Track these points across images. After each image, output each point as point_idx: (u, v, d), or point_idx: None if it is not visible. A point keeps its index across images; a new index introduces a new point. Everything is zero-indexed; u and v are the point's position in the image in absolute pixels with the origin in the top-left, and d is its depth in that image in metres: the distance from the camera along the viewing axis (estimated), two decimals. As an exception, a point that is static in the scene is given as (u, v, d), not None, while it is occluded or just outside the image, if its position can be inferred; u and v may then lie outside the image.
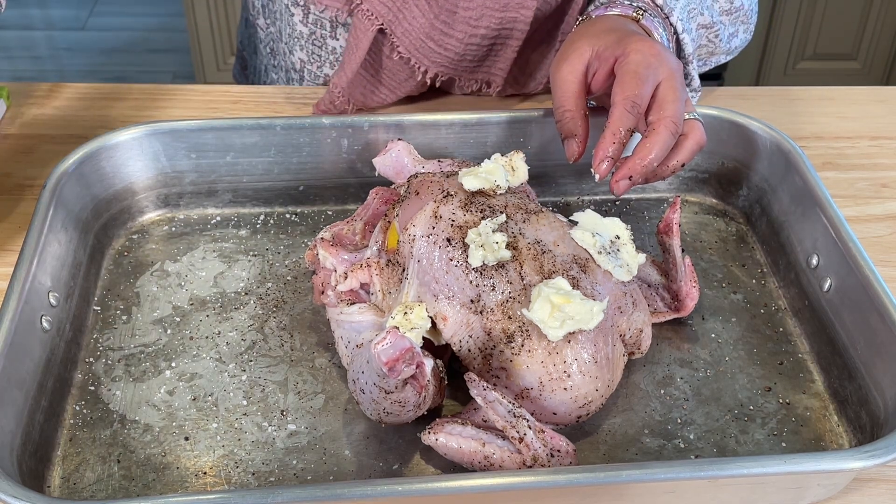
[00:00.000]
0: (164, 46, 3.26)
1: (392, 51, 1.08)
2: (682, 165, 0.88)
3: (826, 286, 0.86)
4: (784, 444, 0.79)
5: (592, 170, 0.85)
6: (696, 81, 1.03)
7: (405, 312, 0.77)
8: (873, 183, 1.06)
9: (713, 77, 2.72)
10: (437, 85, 1.12)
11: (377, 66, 1.10)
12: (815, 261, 0.89)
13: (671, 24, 0.97)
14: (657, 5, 0.97)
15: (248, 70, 1.36)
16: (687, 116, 0.88)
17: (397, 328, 0.69)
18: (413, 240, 0.81)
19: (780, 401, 0.83)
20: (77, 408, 0.81)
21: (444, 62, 1.09)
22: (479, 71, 1.12)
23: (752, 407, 0.82)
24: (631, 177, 0.84)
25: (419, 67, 1.09)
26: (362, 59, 1.07)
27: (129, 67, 3.18)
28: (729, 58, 1.11)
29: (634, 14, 0.94)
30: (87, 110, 1.14)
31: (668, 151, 0.86)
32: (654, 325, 0.86)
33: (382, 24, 1.06)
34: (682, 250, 0.88)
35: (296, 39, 1.16)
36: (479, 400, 0.74)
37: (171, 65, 3.19)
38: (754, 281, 0.94)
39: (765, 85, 2.73)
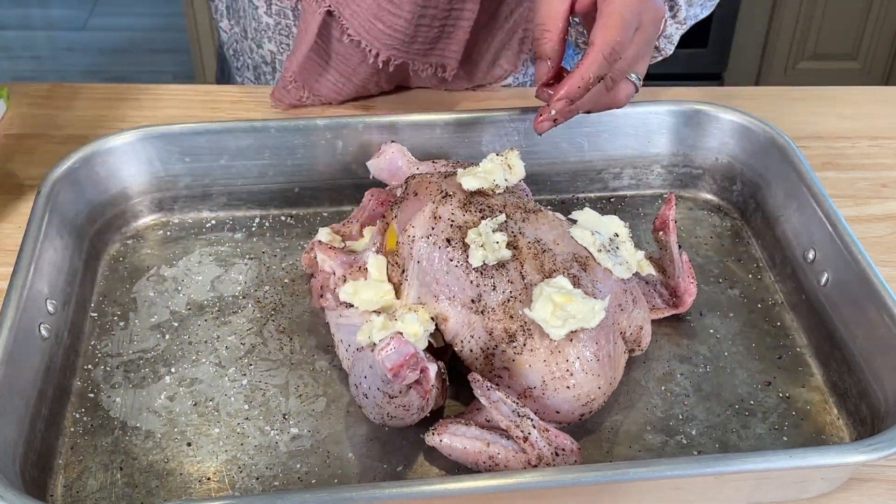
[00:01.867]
0: (164, 46, 3.25)
1: (342, 34, 1.06)
2: (587, 112, 0.88)
3: (823, 280, 0.87)
4: (785, 439, 0.80)
5: (547, 101, 0.84)
6: (671, 45, 1.01)
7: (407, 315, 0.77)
8: (873, 183, 1.06)
9: (713, 77, 2.73)
10: (391, 69, 1.09)
11: (328, 51, 1.08)
12: (811, 255, 0.89)
13: None
14: None
15: (225, 74, 1.35)
16: (632, 77, 0.86)
17: (400, 333, 0.69)
18: (412, 241, 0.81)
19: (780, 395, 0.83)
20: (77, 415, 0.81)
21: (395, 44, 1.06)
22: (432, 54, 1.10)
23: (752, 402, 0.82)
24: (556, 119, 0.84)
25: (370, 50, 1.06)
26: (311, 43, 1.06)
27: (129, 67, 3.17)
28: (705, 12, 1.04)
29: None
30: (86, 110, 1.13)
31: (597, 100, 0.85)
32: (652, 321, 0.86)
33: (330, 6, 1.04)
34: (679, 246, 0.89)
35: (263, 32, 1.16)
36: (482, 400, 0.74)
37: (171, 65, 3.18)
38: (751, 276, 0.95)
39: (765, 85, 2.74)
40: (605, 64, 0.82)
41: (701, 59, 2.71)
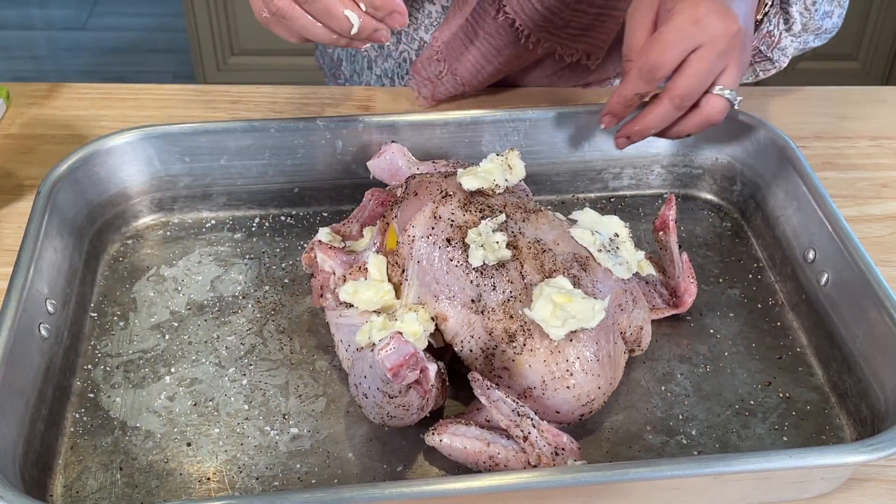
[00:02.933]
0: (164, 46, 3.25)
1: (498, 12, 1.06)
2: (688, 135, 0.90)
3: (823, 280, 0.87)
4: (786, 439, 0.80)
5: (600, 118, 0.92)
6: (785, 57, 1.02)
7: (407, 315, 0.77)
8: (873, 183, 1.06)
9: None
10: (539, 52, 1.10)
11: (476, 29, 1.08)
12: (811, 255, 0.89)
13: None
14: None
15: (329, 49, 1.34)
16: (716, 90, 0.86)
17: (400, 333, 0.69)
18: (412, 241, 0.81)
19: (781, 395, 0.83)
20: (77, 415, 0.81)
21: (549, 27, 1.07)
22: (583, 40, 1.10)
23: (752, 402, 0.82)
24: (629, 137, 0.91)
25: (522, 30, 1.07)
26: (465, 18, 1.07)
27: (129, 67, 3.17)
28: (817, 41, 1.05)
29: None
30: (86, 110, 1.13)
31: (669, 122, 0.88)
32: (652, 321, 0.86)
33: None
34: (679, 246, 0.89)
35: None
36: (482, 399, 0.74)
37: (171, 65, 3.18)
38: (751, 276, 0.95)
39: (765, 85, 2.74)
40: (640, 83, 0.86)
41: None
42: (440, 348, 0.81)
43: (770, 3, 0.96)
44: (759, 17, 0.97)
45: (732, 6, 0.84)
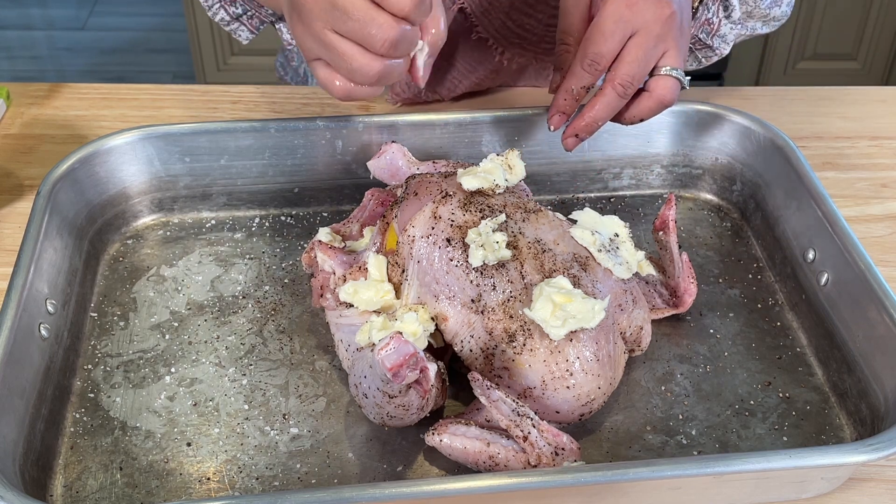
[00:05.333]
0: (164, 46, 3.26)
1: (471, 31, 1.06)
2: (641, 120, 0.89)
3: (823, 280, 0.87)
4: (785, 439, 0.80)
5: (547, 121, 0.89)
6: (726, 45, 1.02)
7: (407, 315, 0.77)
8: (873, 183, 1.06)
9: (713, 77, 2.73)
10: (515, 67, 1.10)
11: (453, 48, 1.08)
12: (811, 255, 0.89)
13: None
14: None
15: (294, 62, 1.34)
16: (662, 72, 0.86)
17: (400, 333, 0.69)
18: (412, 241, 0.81)
19: (781, 395, 0.83)
20: (77, 415, 0.81)
21: (523, 44, 1.07)
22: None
23: (752, 402, 0.82)
24: (577, 134, 0.89)
25: (496, 48, 1.07)
26: None
27: (129, 67, 3.18)
28: (765, 28, 1.07)
29: None
30: (86, 110, 1.13)
31: (616, 111, 0.87)
32: (652, 321, 0.86)
33: (463, 3, 1.04)
34: (679, 246, 0.89)
35: None
36: (482, 399, 0.74)
37: (171, 65, 3.18)
38: (751, 276, 0.95)
39: (765, 85, 2.73)
40: (584, 75, 0.85)
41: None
42: (440, 348, 0.81)
43: None
44: (695, 3, 0.97)
45: None
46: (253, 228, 0.99)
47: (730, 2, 1.00)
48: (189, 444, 0.78)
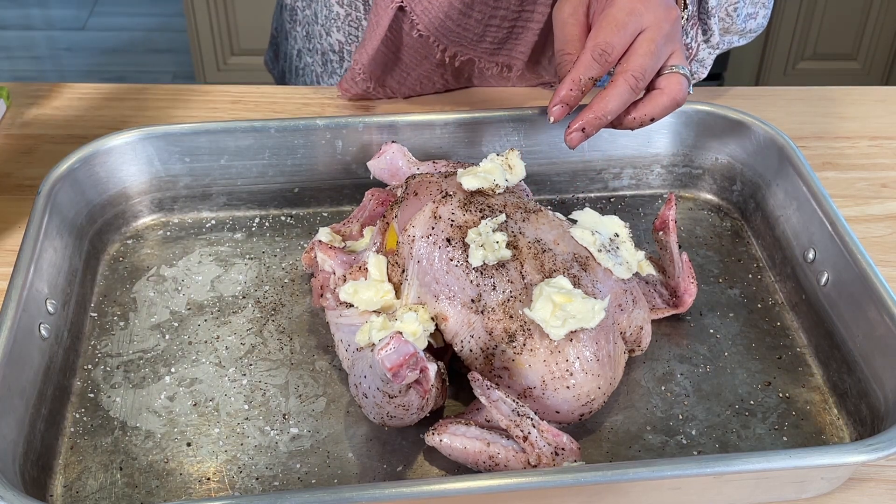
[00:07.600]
0: (164, 46, 3.26)
1: (412, 28, 1.06)
2: (652, 120, 0.87)
3: (823, 280, 0.87)
4: (785, 439, 0.80)
5: (548, 112, 0.85)
6: (704, 69, 1.02)
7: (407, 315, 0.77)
8: (873, 183, 1.06)
9: (713, 77, 2.73)
10: (457, 64, 1.10)
11: (398, 44, 1.09)
12: (811, 255, 0.89)
13: None
14: None
15: (280, 56, 1.35)
16: (670, 70, 0.86)
17: (400, 333, 0.69)
18: (412, 241, 0.81)
19: (780, 395, 0.83)
20: (77, 415, 0.81)
21: (463, 42, 1.07)
22: (500, 54, 1.10)
23: (752, 402, 0.82)
24: (584, 129, 0.84)
25: (438, 46, 1.07)
26: (382, 36, 1.06)
27: (129, 67, 3.18)
28: (742, 41, 1.08)
29: None
30: (86, 110, 1.13)
31: (626, 105, 0.85)
32: (652, 321, 0.86)
33: (402, 2, 1.04)
34: (679, 246, 0.89)
35: (332, 21, 1.16)
36: (482, 399, 0.74)
37: (171, 65, 3.18)
38: (751, 276, 0.95)
39: (765, 85, 2.74)
40: (594, 64, 0.84)
41: (701, 60, 2.71)
42: (440, 348, 0.81)
43: (686, 17, 0.97)
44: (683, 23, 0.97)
45: None
46: (253, 228, 0.99)
47: (708, 25, 1.00)
48: (189, 444, 0.78)
